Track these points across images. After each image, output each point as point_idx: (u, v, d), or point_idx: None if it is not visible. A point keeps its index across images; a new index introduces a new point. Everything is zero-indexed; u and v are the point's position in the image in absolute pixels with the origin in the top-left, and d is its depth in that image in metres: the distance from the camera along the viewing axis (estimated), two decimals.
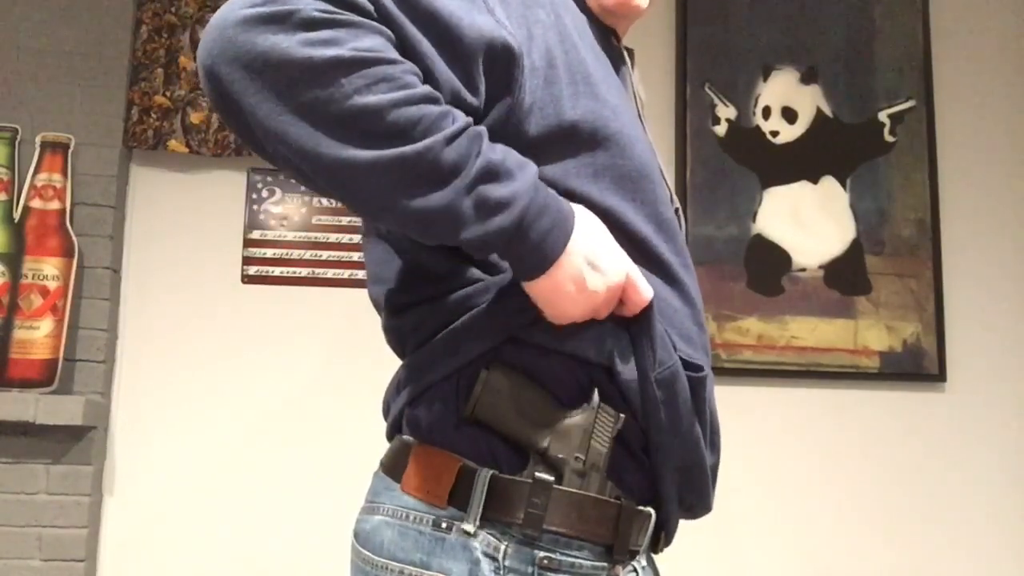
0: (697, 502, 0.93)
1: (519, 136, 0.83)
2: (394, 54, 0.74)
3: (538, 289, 0.80)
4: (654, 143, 0.98)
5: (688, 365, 0.87)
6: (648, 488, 0.87)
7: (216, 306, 2.34)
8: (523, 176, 0.77)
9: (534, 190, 0.78)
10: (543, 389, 0.83)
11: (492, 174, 0.75)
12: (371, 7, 0.74)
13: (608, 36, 1.00)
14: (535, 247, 0.77)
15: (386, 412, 0.94)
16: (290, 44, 0.71)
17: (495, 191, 0.75)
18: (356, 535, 0.89)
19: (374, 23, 0.74)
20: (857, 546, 2.38)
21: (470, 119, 0.77)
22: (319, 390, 2.33)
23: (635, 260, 0.85)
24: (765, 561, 2.36)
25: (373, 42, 0.73)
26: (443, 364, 0.85)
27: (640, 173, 0.88)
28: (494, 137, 0.80)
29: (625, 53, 1.03)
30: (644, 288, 0.83)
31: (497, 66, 0.80)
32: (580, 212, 0.82)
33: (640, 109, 1.01)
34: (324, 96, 0.71)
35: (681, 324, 0.89)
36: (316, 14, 0.71)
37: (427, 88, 0.75)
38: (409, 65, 0.75)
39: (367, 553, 0.85)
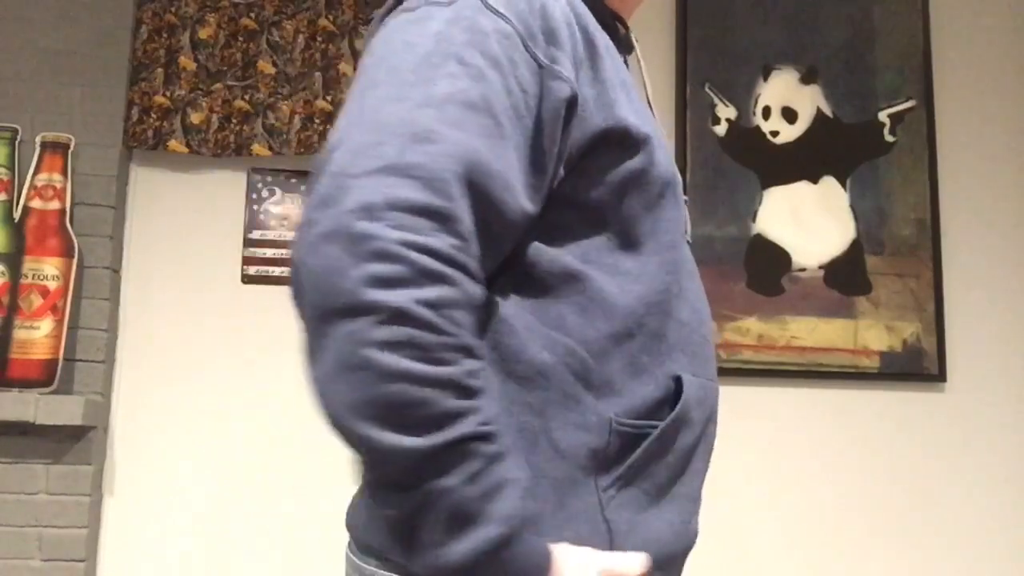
0: None
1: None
2: (444, 319, 0.68)
3: None
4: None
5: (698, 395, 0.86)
6: None
7: (216, 306, 2.34)
8: (477, 533, 0.68)
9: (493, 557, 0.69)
10: None
11: (458, 517, 0.68)
12: (457, 189, 0.70)
13: (615, 26, 0.98)
14: None
15: None
16: (351, 274, 0.67)
17: (449, 548, 0.68)
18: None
19: (452, 271, 0.69)
20: (856, 546, 2.38)
21: (485, 427, 0.69)
22: None
23: None
24: (764, 560, 2.36)
25: (429, 295, 0.67)
26: None
27: (663, 185, 0.87)
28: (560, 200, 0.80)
29: (633, 39, 1.02)
30: None
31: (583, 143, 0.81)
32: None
33: (648, 97, 1.01)
34: (348, 331, 0.67)
35: (688, 339, 0.88)
36: (393, 248, 0.67)
37: (456, 372, 0.68)
38: (454, 338, 0.68)
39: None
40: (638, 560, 0.76)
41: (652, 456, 0.82)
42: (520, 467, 0.73)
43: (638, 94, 0.92)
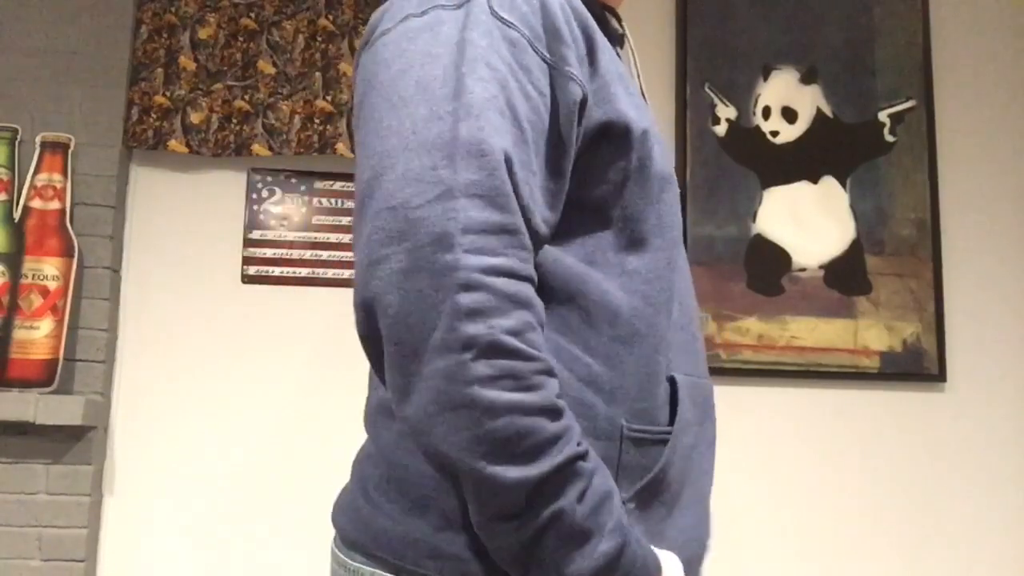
0: None
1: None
2: (528, 344, 0.69)
3: None
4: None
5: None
6: None
7: (216, 306, 2.34)
8: (601, 548, 0.70)
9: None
10: None
11: (573, 536, 0.69)
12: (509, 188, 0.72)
13: (606, 19, 0.98)
14: None
15: None
16: (441, 309, 0.67)
17: (569, 568, 0.69)
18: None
19: (527, 289, 0.70)
20: (856, 545, 2.38)
21: (581, 446, 0.71)
22: (319, 390, 2.33)
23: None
24: (764, 560, 2.36)
25: (514, 322, 0.68)
26: None
27: (662, 180, 0.87)
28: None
29: (625, 30, 1.01)
30: None
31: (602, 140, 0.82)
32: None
33: (642, 89, 1.01)
34: (444, 368, 0.67)
35: (679, 337, 0.87)
36: (474, 276, 0.67)
37: (548, 395, 0.70)
38: (539, 363, 0.70)
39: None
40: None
41: (666, 467, 0.81)
42: (609, 476, 0.74)
43: (634, 87, 0.92)
